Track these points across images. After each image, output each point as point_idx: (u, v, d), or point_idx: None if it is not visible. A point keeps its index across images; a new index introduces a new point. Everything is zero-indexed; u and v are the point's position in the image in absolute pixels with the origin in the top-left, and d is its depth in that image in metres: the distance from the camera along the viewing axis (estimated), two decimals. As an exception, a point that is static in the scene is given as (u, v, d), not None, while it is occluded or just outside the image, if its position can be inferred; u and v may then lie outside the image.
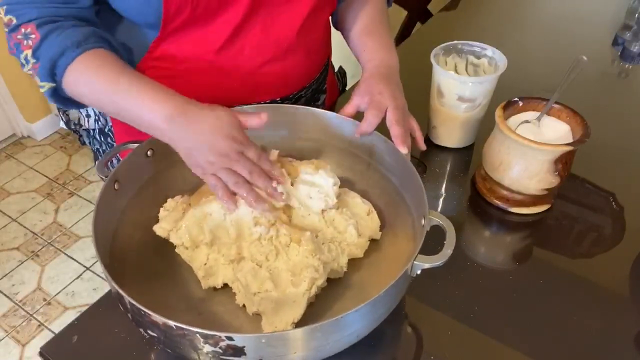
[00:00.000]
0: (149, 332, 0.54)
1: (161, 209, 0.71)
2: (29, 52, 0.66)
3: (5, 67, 2.20)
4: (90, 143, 0.95)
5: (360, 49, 0.86)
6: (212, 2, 0.70)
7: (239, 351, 0.50)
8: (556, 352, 0.64)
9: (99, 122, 0.90)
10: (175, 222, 0.68)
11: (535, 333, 0.66)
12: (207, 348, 0.51)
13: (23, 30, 0.66)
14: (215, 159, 0.62)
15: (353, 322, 0.54)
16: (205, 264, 0.66)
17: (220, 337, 0.49)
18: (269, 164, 0.66)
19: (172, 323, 0.49)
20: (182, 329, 0.49)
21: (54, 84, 0.67)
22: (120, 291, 0.52)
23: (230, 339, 0.49)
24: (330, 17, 0.90)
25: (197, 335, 0.49)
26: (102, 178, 0.66)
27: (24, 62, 0.67)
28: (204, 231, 0.66)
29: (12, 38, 0.67)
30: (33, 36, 0.65)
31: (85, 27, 0.68)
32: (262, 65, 0.80)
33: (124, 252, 0.65)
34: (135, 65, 0.78)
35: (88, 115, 0.90)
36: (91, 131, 0.92)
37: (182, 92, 0.81)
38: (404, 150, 0.70)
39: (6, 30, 0.68)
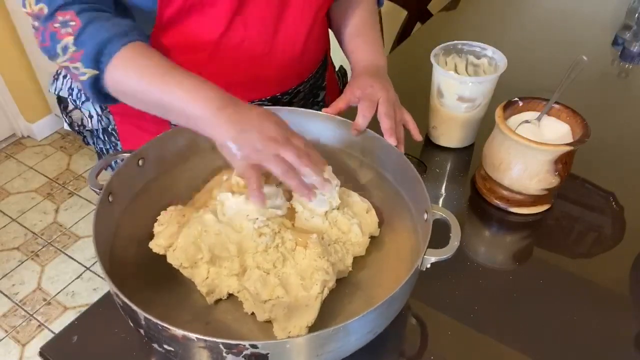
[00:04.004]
0: (165, 346, 0.53)
1: (155, 224, 0.69)
2: (69, 40, 0.64)
3: (5, 67, 2.20)
4: (94, 143, 0.95)
5: (350, 50, 0.88)
6: None
7: (262, 358, 0.50)
8: (556, 352, 0.64)
9: (102, 122, 0.90)
10: (171, 237, 0.66)
11: (535, 333, 0.66)
12: (230, 358, 0.50)
13: (60, 18, 0.64)
14: (263, 144, 0.60)
15: (373, 319, 0.54)
16: (206, 279, 0.64)
17: (244, 345, 0.49)
18: (316, 152, 0.64)
19: (193, 336, 0.49)
20: (204, 340, 0.49)
21: (97, 72, 0.65)
22: (135, 307, 0.50)
23: (254, 346, 0.49)
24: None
25: (221, 345, 0.49)
26: (95, 191, 0.65)
27: (60, 52, 0.65)
28: (202, 250, 0.64)
29: (48, 27, 0.65)
30: (73, 23, 0.63)
31: (126, 20, 0.67)
32: (262, 58, 0.80)
33: (122, 264, 0.65)
34: None
35: (91, 116, 0.90)
36: (95, 131, 0.92)
37: None
38: (393, 142, 0.71)
39: (36, 22, 0.66)
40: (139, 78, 0.64)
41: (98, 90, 0.68)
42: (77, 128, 0.93)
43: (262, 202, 0.62)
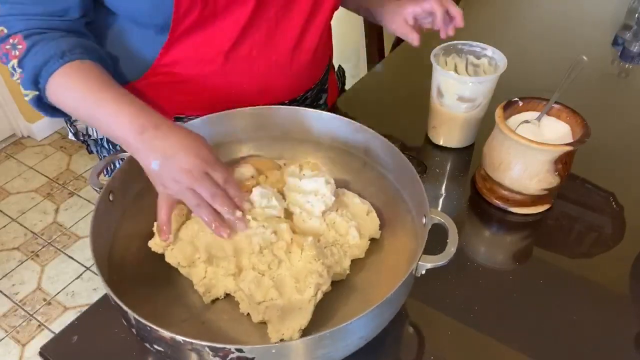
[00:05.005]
0: (155, 346, 0.54)
1: (155, 223, 0.69)
2: (15, 62, 0.67)
3: (5, 67, 2.20)
4: (97, 152, 0.95)
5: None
6: (220, 0, 0.70)
7: None
8: (556, 352, 0.64)
9: None
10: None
11: (535, 333, 0.66)
12: None
13: (11, 40, 0.67)
14: (180, 176, 0.60)
15: (361, 326, 0.54)
16: (204, 278, 0.65)
17: (229, 349, 0.48)
18: (236, 189, 0.63)
19: (180, 338, 0.49)
20: (191, 343, 0.49)
21: (37, 92, 0.68)
22: (125, 307, 0.51)
23: (240, 350, 0.48)
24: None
25: (206, 348, 0.49)
26: (96, 190, 0.65)
27: (12, 71, 0.68)
28: (199, 250, 0.65)
29: (1, 48, 0.68)
30: (20, 46, 0.67)
31: (72, 38, 0.69)
32: (270, 67, 0.80)
33: (122, 262, 0.65)
34: (144, 73, 0.78)
35: None
36: (99, 140, 0.92)
37: (192, 97, 0.81)
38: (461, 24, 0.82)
39: None
40: (69, 101, 0.67)
41: (46, 106, 0.71)
42: (81, 138, 0.93)
43: (165, 236, 0.64)
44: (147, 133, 0.61)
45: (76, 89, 0.65)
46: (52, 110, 0.73)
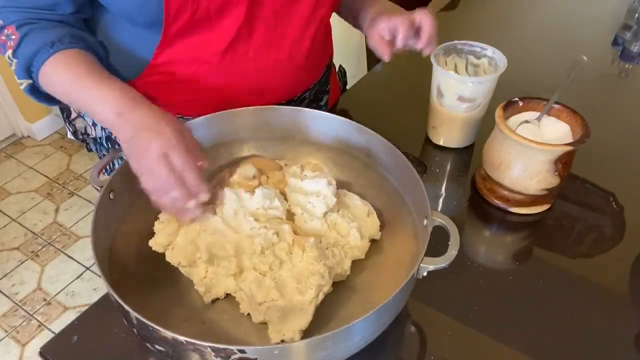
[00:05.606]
0: (157, 346, 0.54)
1: (156, 222, 0.69)
2: (10, 52, 0.70)
3: (5, 67, 2.20)
4: (97, 150, 0.95)
5: (356, 8, 0.89)
6: (212, 3, 0.70)
7: None
8: (556, 352, 0.64)
9: (106, 130, 0.90)
10: (170, 236, 0.66)
11: (535, 333, 0.66)
12: None
13: (6, 31, 0.69)
14: (143, 154, 0.61)
15: (363, 328, 0.54)
16: (204, 278, 0.64)
17: (232, 350, 0.48)
18: (193, 177, 0.60)
19: (182, 338, 0.49)
20: (193, 343, 0.49)
21: (30, 81, 0.71)
22: (127, 307, 0.51)
23: (242, 351, 0.49)
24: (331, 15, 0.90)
25: (209, 349, 0.49)
26: (96, 188, 0.65)
27: (9, 61, 0.70)
28: (200, 249, 0.65)
29: None
30: (13, 37, 0.69)
31: (63, 28, 0.71)
32: (267, 68, 0.80)
33: (123, 261, 0.65)
34: (141, 73, 0.78)
35: (94, 124, 0.90)
36: (98, 139, 0.92)
37: (190, 97, 0.82)
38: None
39: None
40: (60, 87, 0.69)
41: (41, 94, 0.74)
42: (80, 136, 0.93)
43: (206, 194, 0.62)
44: (124, 116, 0.63)
45: (65, 76, 0.68)
46: (47, 99, 0.74)
